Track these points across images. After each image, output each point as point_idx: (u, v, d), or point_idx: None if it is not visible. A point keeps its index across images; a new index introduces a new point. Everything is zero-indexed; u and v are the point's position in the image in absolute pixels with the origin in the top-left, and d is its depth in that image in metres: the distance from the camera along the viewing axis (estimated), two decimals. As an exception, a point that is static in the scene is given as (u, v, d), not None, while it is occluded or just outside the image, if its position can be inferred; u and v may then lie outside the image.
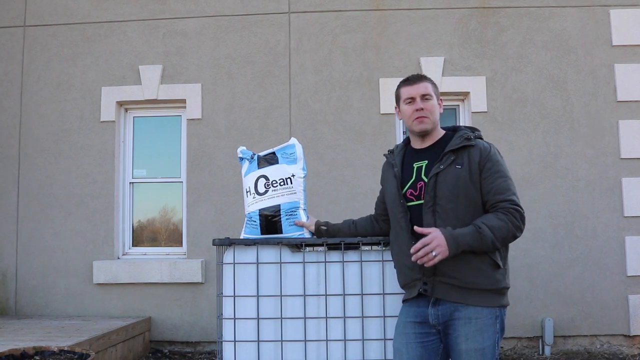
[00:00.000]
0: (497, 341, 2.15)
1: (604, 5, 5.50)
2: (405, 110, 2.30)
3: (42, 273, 5.55)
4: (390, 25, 5.60)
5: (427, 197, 2.18)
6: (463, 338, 2.11)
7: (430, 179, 2.18)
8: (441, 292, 2.15)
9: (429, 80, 2.32)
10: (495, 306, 2.14)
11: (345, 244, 2.56)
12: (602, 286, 5.22)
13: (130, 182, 5.77)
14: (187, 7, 5.73)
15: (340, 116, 5.53)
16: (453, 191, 2.14)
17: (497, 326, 2.14)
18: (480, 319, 2.11)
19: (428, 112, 2.25)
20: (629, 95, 5.39)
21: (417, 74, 2.36)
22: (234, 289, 2.56)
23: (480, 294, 2.12)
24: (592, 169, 5.35)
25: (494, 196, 2.15)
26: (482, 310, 2.12)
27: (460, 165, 2.17)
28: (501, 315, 2.17)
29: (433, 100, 2.28)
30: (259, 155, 2.76)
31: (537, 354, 5.20)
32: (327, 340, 2.52)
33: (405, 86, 2.32)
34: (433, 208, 2.16)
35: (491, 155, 2.18)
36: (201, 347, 5.43)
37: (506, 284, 2.17)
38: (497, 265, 2.14)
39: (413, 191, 2.25)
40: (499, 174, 2.17)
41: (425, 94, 2.27)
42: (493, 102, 5.46)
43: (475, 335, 2.10)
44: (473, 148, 2.20)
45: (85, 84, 5.72)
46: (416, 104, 2.26)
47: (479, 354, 2.10)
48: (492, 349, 2.12)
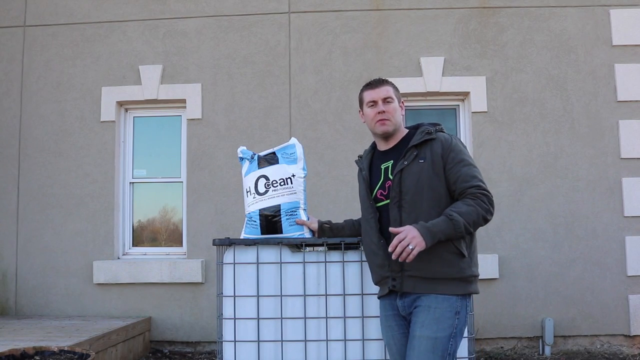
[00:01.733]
0: (453, 336, 2.14)
1: (604, 5, 5.50)
2: (368, 114, 2.38)
3: (42, 273, 5.55)
4: (390, 25, 5.60)
5: (393, 193, 2.25)
6: (419, 325, 2.15)
7: (396, 176, 2.25)
8: (410, 286, 2.21)
9: (390, 84, 2.42)
10: (460, 294, 2.17)
11: (345, 244, 2.56)
12: (602, 286, 5.22)
13: (130, 182, 5.77)
14: (187, 7, 5.73)
15: (340, 116, 5.53)
16: (417, 185, 2.20)
17: (455, 320, 2.15)
18: (439, 308, 2.14)
19: (389, 114, 2.33)
20: (629, 95, 5.39)
21: (378, 78, 2.45)
22: (234, 289, 2.56)
23: (446, 282, 2.17)
24: (592, 169, 5.35)
25: (461, 184, 2.20)
26: (443, 302, 2.15)
27: (423, 159, 2.24)
28: (463, 308, 2.18)
29: (394, 103, 2.36)
30: (259, 155, 2.76)
31: (537, 354, 5.19)
32: (327, 340, 2.52)
33: (367, 90, 2.40)
34: (399, 203, 2.23)
35: (453, 146, 2.25)
36: (201, 347, 5.43)
37: (472, 272, 2.21)
38: (462, 254, 2.18)
39: (382, 191, 2.32)
40: (462, 162, 2.23)
41: (387, 97, 2.36)
42: (493, 102, 5.46)
43: (430, 323, 2.13)
44: (434, 141, 2.27)
45: (85, 84, 5.72)
46: (378, 106, 2.35)
47: (430, 343, 2.11)
48: (445, 341, 2.12)
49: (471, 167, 2.23)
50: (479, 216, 2.15)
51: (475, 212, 2.14)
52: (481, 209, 2.16)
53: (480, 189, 2.19)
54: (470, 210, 2.14)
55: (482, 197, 2.17)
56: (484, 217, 2.16)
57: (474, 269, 2.23)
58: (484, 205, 2.17)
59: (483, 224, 2.18)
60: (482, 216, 2.16)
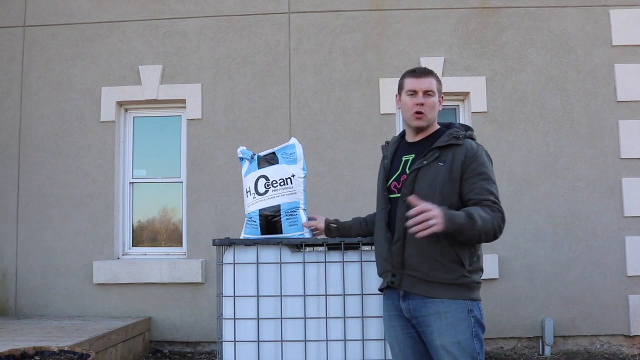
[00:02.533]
0: (474, 335, 2.09)
1: (604, 5, 5.50)
2: (406, 102, 2.27)
3: (42, 273, 5.55)
4: (390, 25, 5.60)
5: (405, 189, 2.18)
6: (436, 334, 2.09)
7: (411, 173, 2.18)
8: (408, 285, 2.16)
9: (434, 76, 2.29)
10: (463, 298, 2.10)
11: (345, 244, 2.56)
12: (602, 286, 5.22)
13: (130, 182, 5.77)
14: (187, 7, 5.73)
15: (340, 116, 5.53)
16: (431, 187, 2.13)
17: (471, 320, 2.10)
18: (451, 312, 2.08)
19: (427, 108, 2.24)
20: (629, 95, 5.39)
21: (424, 68, 2.33)
22: (234, 289, 2.56)
23: (446, 287, 2.11)
24: (592, 169, 5.35)
25: (475, 196, 2.11)
26: (451, 304, 2.09)
27: (443, 162, 2.16)
28: (475, 308, 2.12)
29: (434, 97, 2.27)
30: (259, 155, 2.76)
31: (537, 354, 5.20)
32: (327, 340, 2.52)
33: (410, 77, 2.28)
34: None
35: (477, 157, 2.16)
36: (201, 347, 5.43)
37: (473, 279, 2.14)
38: (462, 264, 2.11)
39: (396, 184, 2.25)
40: (482, 175, 2.14)
41: (429, 90, 2.25)
42: (493, 102, 5.46)
43: (447, 329, 2.07)
44: (460, 147, 2.17)
45: (85, 84, 5.72)
46: (418, 98, 2.24)
47: (455, 347, 2.05)
48: (469, 342, 2.07)
49: (490, 183, 2.14)
50: (493, 228, 2.07)
51: (491, 223, 2.05)
52: (496, 222, 2.08)
53: (497, 204, 2.11)
54: (487, 218, 2.05)
55: (497, 214, 2.09)
56: (494, 232, 2.07)
57: (475, 277, 2.15)
58: (498, 221, 2.09)
59: (491, 239, 2.09)
60: (494, 230, 2.07)
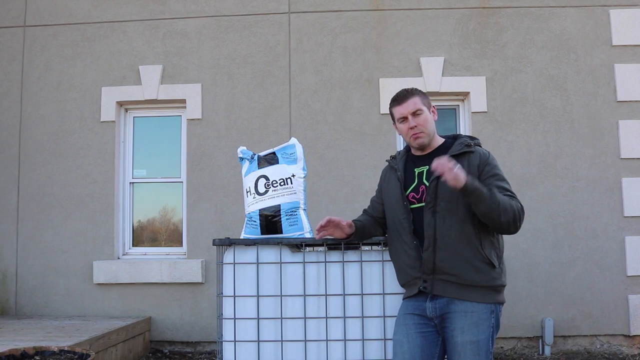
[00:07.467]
0: (491, 335, 2.23)
1: (604, 5, 5.50)
2: (402, 129, 2.39)
3: (42, 273, 5.55)
4: (390, 25, 5.60)
5: (429, 198, 2.27)
6: (459, 330, 2.20)
7: (432, 182, 2.27)
8: (440, 289, 2.25)
9: (417, 94, 2.36)
10: (491, 302, 2.24)
11: (345, 244, 2.56)
12: (602, 286, 5.22)
13: (130, 182, 5.77)
14: (187, 7, 5.73)
15: (340, 116, 5.53)
16: (453, 193, 2.21)
17: (492, 321, 2.24)
18: (476, 312, 2.21)
19: (422, 127, 2.33)
20: (629, 95, 5.39)
21: (404, 91, 2.38)
22: (234, 289, 2.56)
23: (477, 290, 2.22)
24: (592, 169, 5.35)
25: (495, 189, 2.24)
26: (478, 305, 2.21)
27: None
28: (496, 311, 2.27)
29: (425, 114, 2.34)
30: (259, 155, 2.76)
31: (537, 354, 5.20)
32: (327, 340, 2.52)
33: (396, 106, 2.38)
34: (433, 209, 2.26)
35: (490, 160, 2.32)
36: (201, 347, 5.43)
37: (502, 282, 2.28)
38: (492, 265, 2.23)
39: (415, 194, 2.33)
40: (497, 177, 2.29)
41: (416, 110, 2.33)
42: (493, 102, 5.47)
43: (470, 328, 2.19)
44: (472, 154, 2.32)
45: (85, 84, 5.72)
46: (409, 122, 2.34)
47: (474, 346, 2.18)
48: (486, 342, 2.21)
49: (504, 182, 2.29)
50: (512, 211, 2.17)
51: (509, 205, 2.17)
52: (515, 208, 2.19)
53: (516, 197, 2.26)
54: (506, 200, 2.18)
55: (517, 202, 2.23)
56: (514, 216, 2.18)
57: (504, 279, 2.28)
58: (518, 209, 2.21)
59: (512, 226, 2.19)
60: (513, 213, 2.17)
